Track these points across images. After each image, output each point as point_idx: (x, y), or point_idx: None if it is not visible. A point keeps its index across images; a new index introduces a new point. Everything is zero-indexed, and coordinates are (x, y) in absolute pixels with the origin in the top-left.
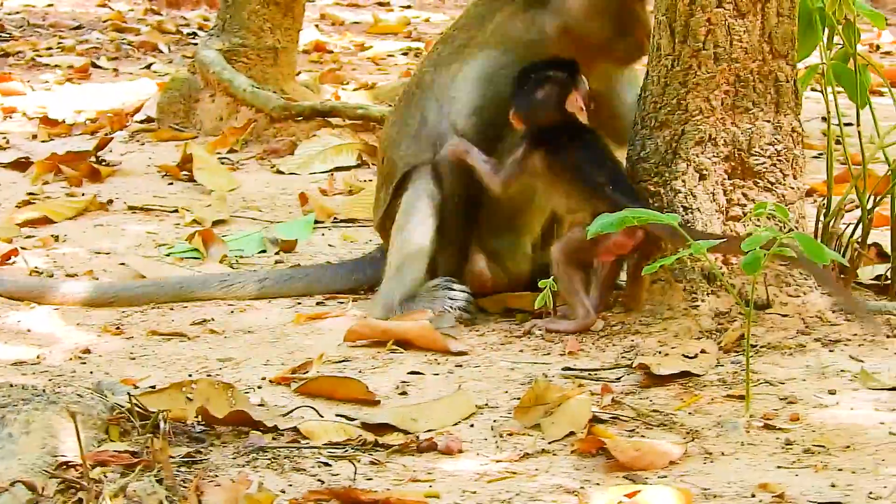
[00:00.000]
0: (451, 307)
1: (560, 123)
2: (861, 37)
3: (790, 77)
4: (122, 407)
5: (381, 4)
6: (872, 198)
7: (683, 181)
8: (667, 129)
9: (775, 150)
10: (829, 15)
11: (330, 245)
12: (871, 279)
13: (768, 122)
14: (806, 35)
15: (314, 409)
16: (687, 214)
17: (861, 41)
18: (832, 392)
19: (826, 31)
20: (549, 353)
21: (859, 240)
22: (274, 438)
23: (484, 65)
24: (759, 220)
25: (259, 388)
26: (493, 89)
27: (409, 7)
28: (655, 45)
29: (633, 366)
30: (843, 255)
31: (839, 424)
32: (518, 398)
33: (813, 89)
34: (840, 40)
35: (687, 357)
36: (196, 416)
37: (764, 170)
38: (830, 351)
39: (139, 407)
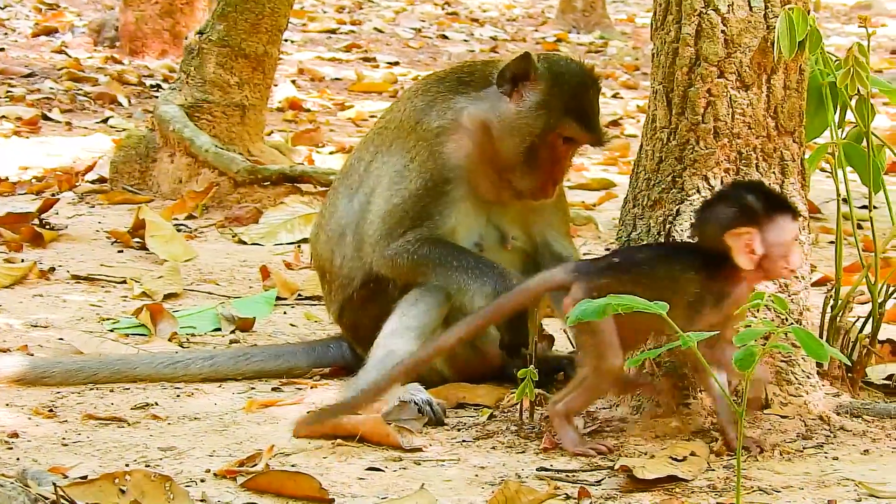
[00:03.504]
0: (417, 399)
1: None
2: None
3: (797, 156)
4: (47, 499)
5: (365, 60)
6: (885, 289)
7: None
8: (660, 208)
9: None
10: (842, 90)
11: (292, 325)
12: (884, 379)
13: None
14: (816, 112)
15: None
16: None
17: (891, 116)
18: (832, 503)
19: (838, 107)
20: (523, 451)
21: (869, 335)
22: None
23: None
24: (756, 311)
25: (202, 481)
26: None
27: (396, 63)
28: (651, 116)
29: (615, 468)
30: (851, 352)
31: None
32: (487, 501)
33: (823, 170)
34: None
35: (675, 460)
36: None
37: None
38: (833, 458)
39: (65, 499)
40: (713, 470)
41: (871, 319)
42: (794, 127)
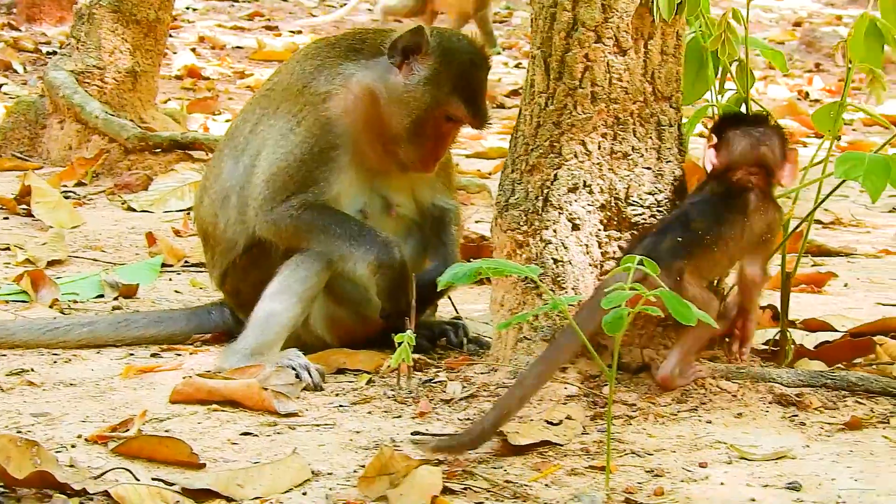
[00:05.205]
0: (294, 364)
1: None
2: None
3: (674, 121)
4: None
5: (268, 29)
6: None
7: (555, 231)
8: (538, 173)
9: (655, 199)
10: (721, 56)
11: (176, 291)
12: (762, 344)
13: (648, 168)
14: (698, 76)
15: (130, 471)
16: (557, 267)
17: (791, 87)
18: (703, 465)
19: (719, 72)
20: (399, 416)
21: None
22: (81, 503)
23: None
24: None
25: (73, 446)
26: None
27: (299, 32)
28: (529, 81)
29: None
30: None
31: (707, 500)
32: (361, 465)
33: (701, 135)
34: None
35: (550, 424)
36: None
37: (642, 221)
38: (707, 421)
39: None
40: (588, 434)
41: None
42: (672, 92)
